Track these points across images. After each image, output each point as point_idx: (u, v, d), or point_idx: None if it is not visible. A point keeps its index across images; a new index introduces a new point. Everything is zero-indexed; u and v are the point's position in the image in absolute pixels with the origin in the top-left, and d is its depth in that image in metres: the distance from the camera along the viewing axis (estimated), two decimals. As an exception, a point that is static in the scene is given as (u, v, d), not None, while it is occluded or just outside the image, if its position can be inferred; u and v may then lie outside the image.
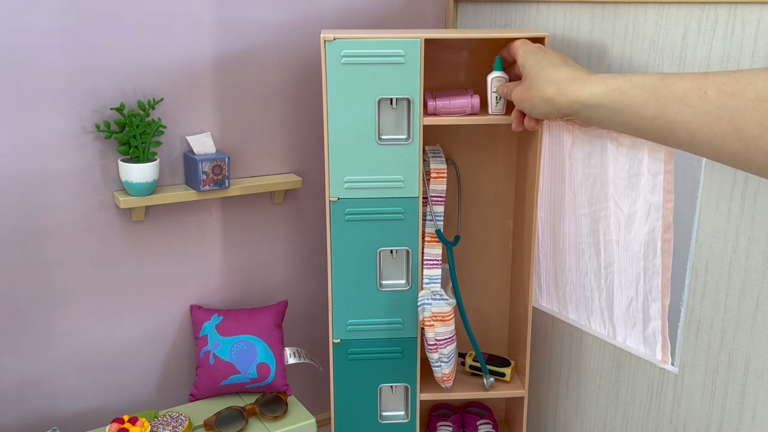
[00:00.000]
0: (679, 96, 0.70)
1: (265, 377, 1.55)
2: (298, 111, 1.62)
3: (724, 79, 0.66)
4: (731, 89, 0.65)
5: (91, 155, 1.42)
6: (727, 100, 0.65)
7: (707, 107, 0.67)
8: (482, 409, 1.74)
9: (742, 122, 0.63)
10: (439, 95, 1.38)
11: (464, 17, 1.69)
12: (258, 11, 1.51)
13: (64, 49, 1.34)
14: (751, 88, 0.63)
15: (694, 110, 0.68)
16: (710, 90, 0.67)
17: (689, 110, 0.69)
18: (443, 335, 1.41)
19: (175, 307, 1.61)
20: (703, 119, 0.67)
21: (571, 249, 1.51)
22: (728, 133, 0.64)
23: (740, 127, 0.64)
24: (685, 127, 0.70)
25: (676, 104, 0.70)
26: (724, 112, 0.65)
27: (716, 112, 0.66)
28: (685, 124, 0.69)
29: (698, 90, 0.68)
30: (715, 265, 1.22)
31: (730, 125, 0.64)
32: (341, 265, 1.42)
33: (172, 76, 1.46)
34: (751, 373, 1.19)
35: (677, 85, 0.71)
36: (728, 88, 0.65)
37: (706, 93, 0.67)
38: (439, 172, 1.42)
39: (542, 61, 1.05)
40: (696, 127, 0.68)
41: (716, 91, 0.66)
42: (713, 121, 0.66)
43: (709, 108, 0.66)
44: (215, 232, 1.61)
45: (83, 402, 1.55)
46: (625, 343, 1.43)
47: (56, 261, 1.44)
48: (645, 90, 0.76)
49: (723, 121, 0.65)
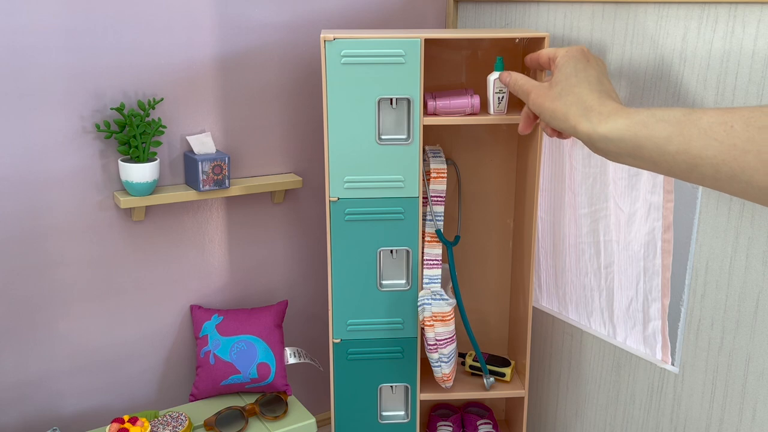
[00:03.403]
0: (705, 130, 0.68)
1: (265, 377, 1.55)
2: (298, 111, 1.62)
3: (751, 113, 0.65)
4: (760, 123, 0.63)
5: (91, 155, 1.42)
6: (755, 134, 0.63)
7: (733, 141, 0.65)
8: (482, 409, 1.74)
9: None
10: (439, 95, 1.38)
11: (464, 17, 1.69)
12: (258, 11, 1.52)
13: (64, 49, 1.34)
14: None
15: (720, 144, 0.66)
16: (737, 124, 0.65)
17: (715, 144, 0.67)
18: (443, 335, 1.41)
19: (175, 307, 1.61)
20: (729, 153, 0.65)
21: (571, 249, 1.51)
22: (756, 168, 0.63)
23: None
24: (709, 162, 0.68)
25: (701, 139, 0.68)
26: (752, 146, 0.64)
27: (743, 146, 0.64)
28: (709, 159, 0.67)
29: (724, 124, 0.66)
30: (715, 265, 1.22)
31: (757, 159, 0.63)
32: (341, 265, 1.42)
33: (172, 76, 1.46)
34: (751, 373, 1.19)
35: (702, 120, 0.69)
36: (756, 122, 0.64)
37: (733, 127, 0.65)
38: (439, 172, 1.42)
39: (580, 74, 0.98)
40: (721, 161, 0.66)
41: (744, 125, 0.65)
42: (740, 155, 0.64)
43: (735, 142, 0.65)
44: (215, 232, 1.61)
45: (83, 402, 1.55)
46: (625, 343, 1.43)
47: (56, 261, 1.44)
48: (669, 124, 0.73)
49: (750, 155, 0.64)
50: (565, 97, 0.95)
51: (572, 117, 0.91)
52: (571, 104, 0.93)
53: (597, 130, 0.85)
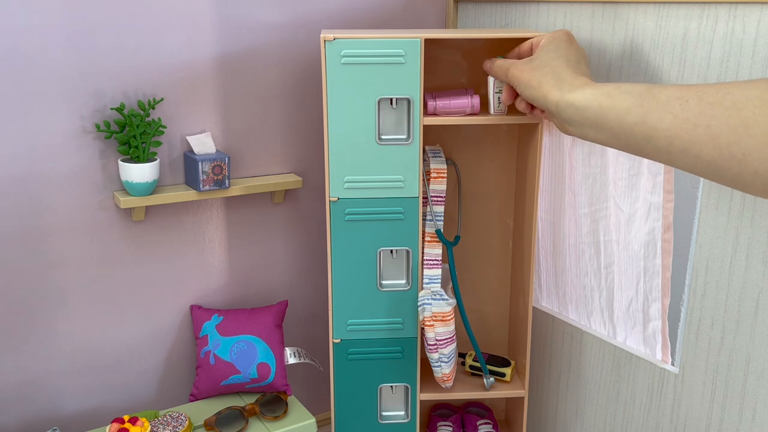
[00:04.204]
0: (662, 103, 0.72)
1: (265, 377, 1.55)
2: (298, 111, 1.63)
3: (705, 89, 0.68)
4: (711, 98, 0.66)
5: (91, 155, 1.42)
6: (705, 109, 0.66)
7: (686, 115, 0.68)
8: (482, 409, 1.74)
9: (717, 130, 0.65)
10: (439, 95, 1.38)
11: (464, 17, 1.69)
12: (258, 11, 1.52)
13: (64, 49, 1.34)
14: (729, 97, 0.64)
15: (674, 117, 0.69)
16: (692, 99, 0.68)
17: (669, 117, 0.70)
18: (443, 335, 1.41)
19: (175, 307, 1.61)
20: (681, 127, 0.68)
21: (571, 249, 1.51)
22: (704, 141, 0.66)
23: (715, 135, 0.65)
24: (663, 134, 0.71)
25: (658, 111, 0.72)
26: (702, 119, 0.66)
27: (694, 120, 0.67)
28: (664, 131, 0.71)
29: (680, 99, 0.69)
30: (715, 265, 1.22)
31: (706, 133, 0.65)
32: (341, 265, 1.42)
33: (172, 76, 1.46)
34: (751, 374, 1.19)
35: (662, 94, 0.73)
36: (708, 97, 0.66)
37: (688, 102, 0.68)
38: (439, 172, 1.42)
39: (561, 51, 1.04)
40: (674, 134, 0.69)
41: (697, 99, 0.67)
42: (691, 128, 0.67)
43: (688, 116, 0.68)
44: (215, 232, 1.61)
45: (83, 402, 1.55)
46: (625, 343, 1.43)
47: (56, 261, 1.44)
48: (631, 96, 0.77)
49: (700, 129, 0.66)
50: (542, 69, 1.01)
51: (545, 86, 0.96)
52: (545, 74, 0.98)
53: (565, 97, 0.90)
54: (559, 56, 1.02)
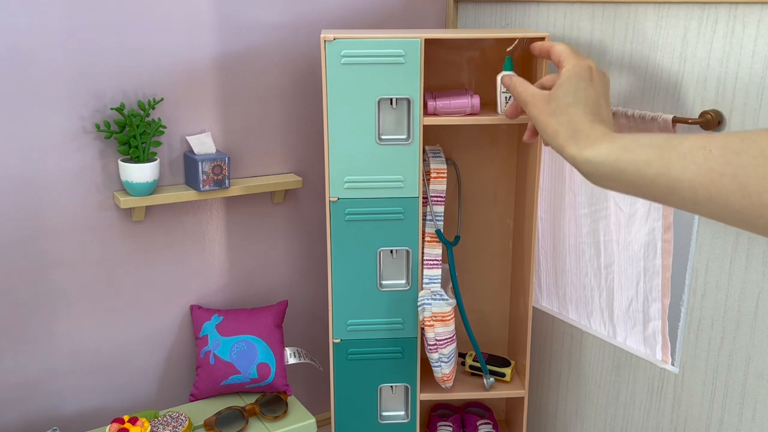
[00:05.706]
0: (684, 154, 0.71)
1: (265, 377, 1.55)
2: (298, 111, 1.62)
3: (728, 138, 0.67)
4: (735, 147, 0.65)
5: (91, 155, 1.42)
6: (731, 158, 0.65)
7: (711, 165, 0.67)
8: (482, 409, 1.74)
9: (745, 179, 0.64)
10: (439, 95, 1.38)
11: (464, 17, 1.69)
12: (258, 11, 1.52)
13: (64, 49, 1.34)
14: (756, 145, 0.64)
15: (698, 167, 0.69)
16: (715, 149, 0.67)
17: (693, 168, 0.69)
18: (443, 335, 1.41)
19: (175, 307, 1.61)
20: (706, 176, 0.67)
21: (571, 249, 1.51)
22: (732, 190, 0.65)
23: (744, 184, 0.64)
24: (688, 184, 0.70)
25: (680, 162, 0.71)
26: (728, 169, 0.66)
27: (720, 170, 0.66)
28: (688, 181, 0.70)
29: (703, 148, 0.69)
30: (715, 265, 1.22)
31: (733, 182, 0.65)
32: (341, 265, 1.42)
33: (172, 76, 1.46)
34: (751, 374, 1.19)
35: (683, 145, 0.72)
36: (733, 145, 0.66)
37: (711, 151, 0.68)
38: (439, 172, 1.42)
39: (579, 94, 1.00)
40: (699, 184, 0.68)
41: (720, 149, 0.67)
42: (717, 178, 0.66)
43: (713, 165, 0.67)
44: (215, 232, 1.61)
45: (83, 402, 1.55)
46: (625, 343, 1.43)
47: (57, 261, 1.44)
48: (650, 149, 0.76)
49: (726, 178, 0.66)
50: (559, 116, 0.98)
51: (561, 137, 0.94)
52: (562, 123, 0.96)
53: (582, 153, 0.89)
54: (577, 101, 0.99)
